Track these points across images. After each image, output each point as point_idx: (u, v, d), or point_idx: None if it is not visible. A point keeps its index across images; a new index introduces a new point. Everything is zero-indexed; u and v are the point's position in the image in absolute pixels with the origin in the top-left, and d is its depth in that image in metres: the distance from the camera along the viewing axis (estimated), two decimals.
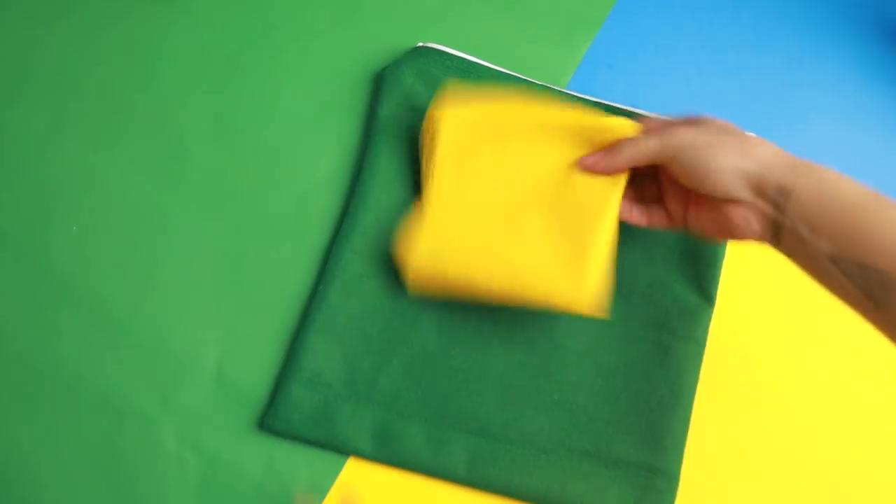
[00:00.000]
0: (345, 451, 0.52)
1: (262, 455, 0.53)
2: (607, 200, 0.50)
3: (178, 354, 0.54)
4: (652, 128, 0.50)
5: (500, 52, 0.61)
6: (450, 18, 0.62)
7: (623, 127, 0.50)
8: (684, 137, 0.46)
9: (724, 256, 0.55)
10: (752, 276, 0.56)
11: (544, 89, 0.58)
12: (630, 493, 0.51)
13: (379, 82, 0.59)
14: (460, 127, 0.53)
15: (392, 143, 0.57)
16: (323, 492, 0.52)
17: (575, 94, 0.58)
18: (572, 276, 0.49)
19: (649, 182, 0.52)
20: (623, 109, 0.57)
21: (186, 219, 0.57)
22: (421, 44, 0.58)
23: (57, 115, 0.59)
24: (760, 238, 0.46)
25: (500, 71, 0.58)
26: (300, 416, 0.52)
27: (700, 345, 0.53)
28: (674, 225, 0.50)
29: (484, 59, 0.58)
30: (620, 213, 0.50)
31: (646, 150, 0.48)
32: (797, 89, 0.61)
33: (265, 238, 0.57)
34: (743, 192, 0.44)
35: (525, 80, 0.58)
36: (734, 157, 0.44)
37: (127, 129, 0.59)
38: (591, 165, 0.50)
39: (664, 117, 0.51)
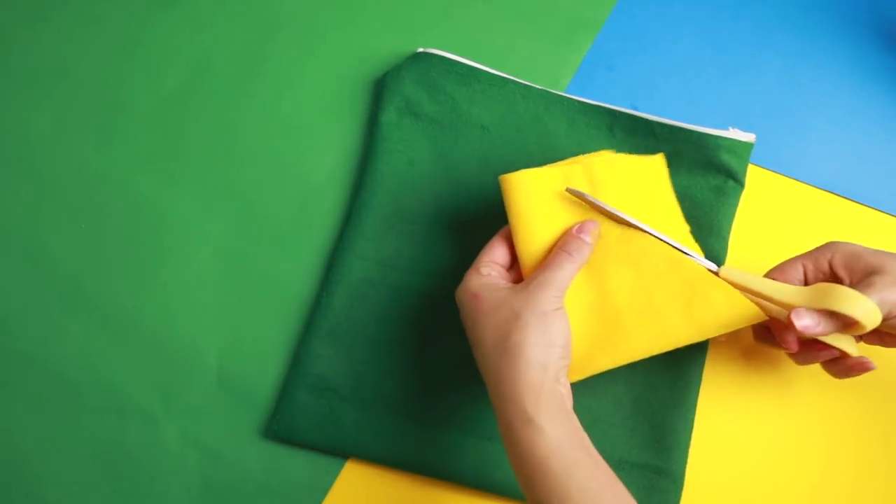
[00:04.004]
0: (352, 456, 0.52)
1: (263, 453, 0.53)
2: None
3: (180, 353, 0.55)
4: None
5: (499, 55, 0.61)
6: (450, 21, 0.62)
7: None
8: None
9: (725, 258, 0.54)
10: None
11: (544, 92, 0.58)
12: (635, 493, 0.50)
13: (380, 87, 0.59)
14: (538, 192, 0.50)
15: (394, 148, 0.57)
16: (324, 491, 0.52)
17: (576, 97, 0.58)
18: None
19: None
20: (623, 112, 0.57)
21: (189, 220, 0.57)
22: (421, 49, 0.59)
23: (61, 116, 0.60)
24: None
25: (499, 75, 0.58)
26: (306, 423, 0.52)
27: (702, 345, 0.53)
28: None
29: (484, 62, 0.58)
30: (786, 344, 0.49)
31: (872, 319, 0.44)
32: (796, 90, 0.61)
33: (267, 239, 0.57)
34: None
35: (525, 84, 0.58)
36: None
37: (130, 130, 0.59)
38: (807, 328, 0.44)
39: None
